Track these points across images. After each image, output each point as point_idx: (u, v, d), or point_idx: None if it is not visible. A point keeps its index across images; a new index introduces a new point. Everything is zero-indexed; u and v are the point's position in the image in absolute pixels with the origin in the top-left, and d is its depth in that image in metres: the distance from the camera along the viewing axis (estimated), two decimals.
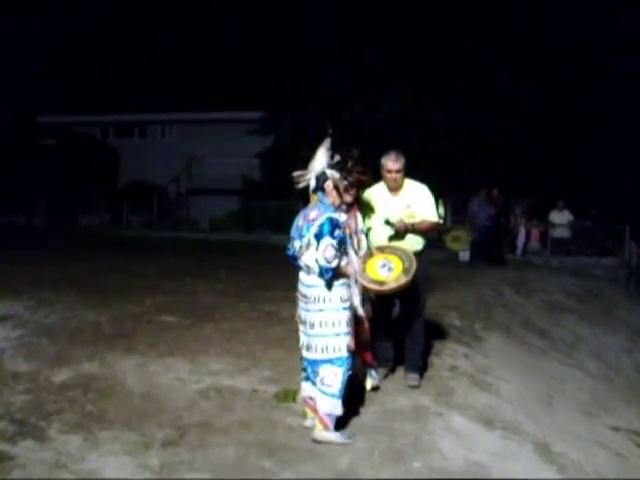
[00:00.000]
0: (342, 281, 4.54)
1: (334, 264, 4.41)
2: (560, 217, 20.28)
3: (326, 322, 4.46)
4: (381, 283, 5.25)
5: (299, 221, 4.65)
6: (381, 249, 5.50)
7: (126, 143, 27.70)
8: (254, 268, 12.81)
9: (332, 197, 4.62)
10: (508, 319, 9.86)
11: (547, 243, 20.20)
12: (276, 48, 23.78)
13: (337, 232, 4.47)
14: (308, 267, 4.51)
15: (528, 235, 20.35)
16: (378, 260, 5.37)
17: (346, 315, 4.54)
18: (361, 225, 5.42)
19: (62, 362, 5.45)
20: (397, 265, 5.33)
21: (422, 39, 21.39)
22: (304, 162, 4.77)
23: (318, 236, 4.44)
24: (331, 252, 4.39)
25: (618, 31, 26.87)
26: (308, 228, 4.52)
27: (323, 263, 4.39)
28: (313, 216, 4.53)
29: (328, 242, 4.41)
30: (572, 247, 20.27)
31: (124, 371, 5.36)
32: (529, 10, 23.88)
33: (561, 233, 20.29)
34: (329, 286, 4.47)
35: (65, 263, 11.24)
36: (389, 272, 5.30)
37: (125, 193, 25.17)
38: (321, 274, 4.44)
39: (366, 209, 5.70)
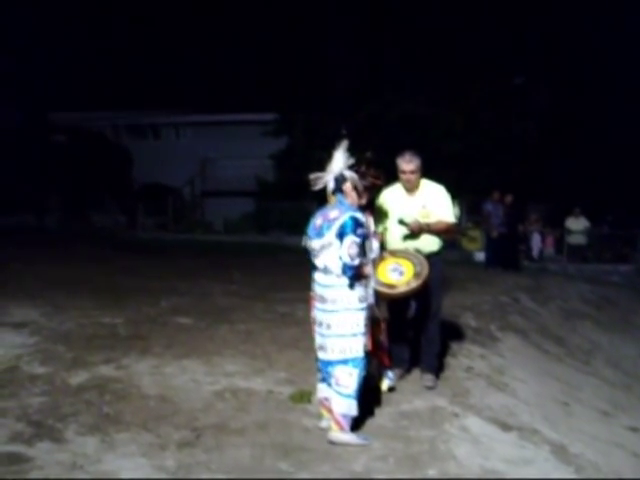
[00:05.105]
0: (359, 281, 4.53)
1: (357, 262, 4.41)
2: (576, 224, 20.17)
3: (343, 323, 4.44)
4: (392, 286, 5.24)
5: (317, 220, 4.62)
6: (393, 253, 5.48)
7: (140, 145, 27.75)
8: (268, 269, 12.85)
9: (352, 198, 4.61)
10: (524, 326, 9.79)
11: (563, 249, 20.07)
12: (289, 50, 23.80)
13: (360, 230, 4.46)
14: (326, 267, 4.50)
15: (543, 240, 20.22)
16: (389, 264, 5.35)
17: (363, 315, 4.51)
18: (373, 228, 5.41)
19: (78, 365, 5.48)
20: (408, 269, 5.31)
21: (436, 39, 21.35)
22: (318, 163, 4.76)
23: (341, 235, 4.42)
24: (355, 250, 4.39)
25: (634, 35, 26.69)
26: (329, 227, 4.49)
27: (347, 260, 4.38)
28: (333, 216, 4.51)
29: (352, 240, 4.40)
30: (588, 254, 20.12)
31: (140, 373, 5.38)
32: (545, 14, 23.74)
33: (577, 240, 20.16)
34: (351, 285, 4.45)
35: (79, 264, 11.30)
36: (400, 276, 5.28)
37: (140, 195, 25.19)
38: (344, 272, 4.42)
39: (380, 211, 5.68)
